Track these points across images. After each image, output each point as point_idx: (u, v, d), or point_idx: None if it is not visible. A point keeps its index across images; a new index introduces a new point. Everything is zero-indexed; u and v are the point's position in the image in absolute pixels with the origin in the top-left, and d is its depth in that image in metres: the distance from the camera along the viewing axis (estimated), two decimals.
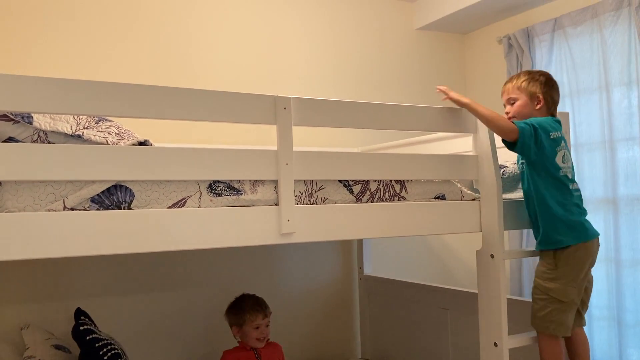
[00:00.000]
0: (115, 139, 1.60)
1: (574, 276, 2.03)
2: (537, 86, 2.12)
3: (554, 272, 2.03)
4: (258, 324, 2.57)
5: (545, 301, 2.03)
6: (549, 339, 2.04)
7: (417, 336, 3.02)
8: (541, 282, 2.05)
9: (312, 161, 1.78)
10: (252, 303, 2.60)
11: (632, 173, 3.02)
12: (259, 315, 2.58)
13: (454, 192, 2.08)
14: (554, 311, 2.01)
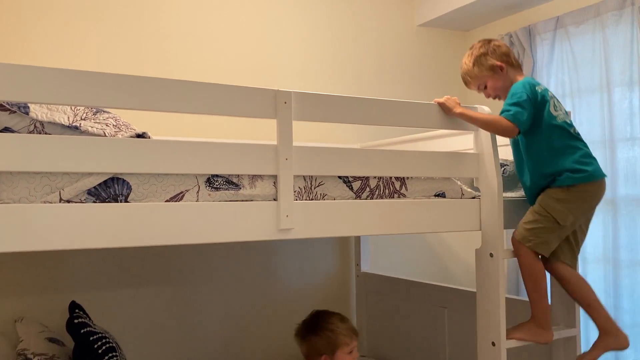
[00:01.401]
0: (113, 131, 1.58)
1: (582, 209, 2.04)
2: (487, 59, 2.15)
3: (566, 197, 2.00)
4: (352, 348, 2.14)
5: (541, 217, 2.00)
6: (528, 253, 2.01)
7: (414, 334, 3.01)
8: (549, 201, 2.01)
9: (312, 156, 1.76)
10: (343, 323, 2.17)
11: (632, 173, 3.01)
12: (354, 337, 2.16)
13: (454, 190, 2.06)
14: (545, 229, 1.99)
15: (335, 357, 2.03)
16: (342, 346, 2.03)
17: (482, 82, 2.18)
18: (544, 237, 2.00)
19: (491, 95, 2.18)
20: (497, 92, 2.16)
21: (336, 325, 2.08)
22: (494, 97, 2.20)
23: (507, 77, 2.14)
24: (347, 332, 2.06)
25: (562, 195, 2.01)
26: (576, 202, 2.02)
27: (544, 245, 2.01)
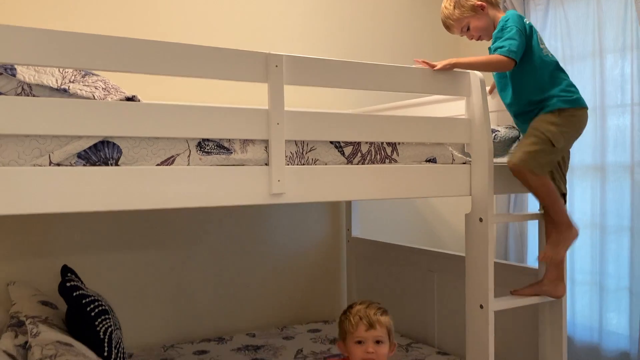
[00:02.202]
0: (102, 94, 1.56)
1: (571, 133, 2.12)
2: (466, 1, 2.18)
3: (558, 120, 2.07)
4: (360, 338, 1.83)
5: (539, 139, 2.05)
6: (534, 174, 2.06)
7: (404, 298, 3.05)
8: (544, 124, 2.07)
9: (303, 121, 1.75)
10: (358, 308, 1.89)
11: (622, 140, 3.03)
12: (361, 325, 1.82)
13: (445, 156, 2.07)
14: (542, 152, 2.04)
15: (347, 346, 1.85)
16: (348, 334, 1.83)
17: (464, 24, 2.21)
18: (542, 160, 2.05)
19: (474, 36, 2.23)
20: (480, 33, 2.21)
21: (351, 310, 1.88)
22: (477, 38, 2.24)
23: (489, 16, 2.19)
24: (355, 319, 1.82)
25: (554, 119, 2.07)
26: (567, 126, 2.09)
27: (540, 168, 2.06)
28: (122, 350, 2.14)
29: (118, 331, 2.17)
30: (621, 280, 3.03)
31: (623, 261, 3.02)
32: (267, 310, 3.26)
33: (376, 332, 1.82)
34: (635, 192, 2.95)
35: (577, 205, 3.23)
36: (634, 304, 2.95)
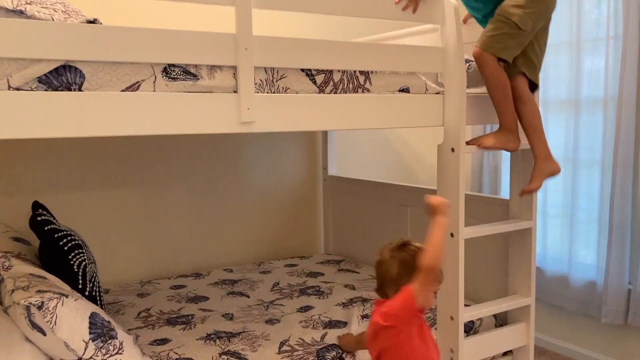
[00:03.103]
0: (62, 17, 1.50)
1: (538, 13, 2.06)
2: None
3: (522, 2, 2.03)
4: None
5: (502, 23, 2.04)
6: (491, 62, 2.05)
7: (378, 232, 3.09)
8: (507, 8, 2.05)
9: (272, 47, 1.71)
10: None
11: (596, 75, 3.03)
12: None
13: (418, 85, 2.05)
14: (506, 35, 2.04)
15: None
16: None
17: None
18: (505, 42, 2.04)
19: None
20: None
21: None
22: None
23: None
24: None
25: (519, 1, 2.04)
26: (532, 7, 2.04)
27: (505, 51, 2.05)
28: (98, 284, 2.15)
29: (92, 265, 2.17)
30: (591, 213, 3.10)
31: (593, 195, 3.08)
32: (244, 246, 3.29)
33: None
34: (608, 126, 2.98)
35: (551, 140, 3.24)
36: (602, 235, 3.03)
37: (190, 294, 2.64)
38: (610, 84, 2.95)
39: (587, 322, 3.16)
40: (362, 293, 2.62)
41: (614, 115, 2.93)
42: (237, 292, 2.67)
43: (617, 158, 2.88)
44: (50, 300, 1.54)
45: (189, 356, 1.94)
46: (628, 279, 2.92)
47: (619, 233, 2.90)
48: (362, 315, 2.32)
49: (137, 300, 2.54)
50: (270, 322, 2.27)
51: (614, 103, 2.92)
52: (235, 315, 2.34)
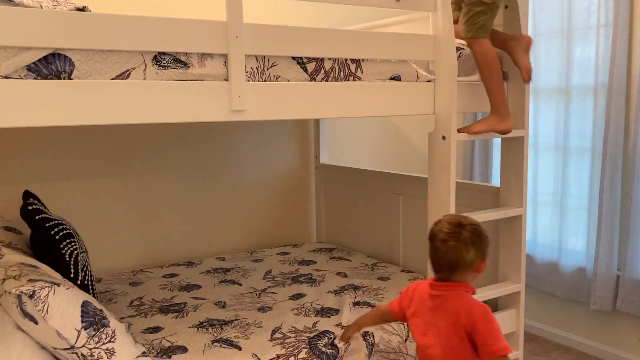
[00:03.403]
0: (51, 4, 1.49)
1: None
2: None
3: None
4: None
5: (470, 5, 2.08)
6: (479, 44, 2.11)
7: (370, 220, 3.11)
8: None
9: (263, 35, 1.71)
10: None
11: (587, 63, 3.04)
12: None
13: (410, 73, 2.05)
14: (478, 14, 2.07)
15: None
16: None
17: None
18: (480, 20, 2.07)
19: None
20: None
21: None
22: None
23: None
24: None
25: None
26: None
27: (482, 29, 2.09)
28: (90, 273, 2.14)
29: (84, 254, 2.17)
30: (581, 200, 3.12)
31: (583, 182, 3.10)
32: (236, 235, 3.29)
33: None
34: (598, 113, 2.99)
35: (542, 128, 3.28)
36: (591, 222, 3.06)
37: (182, 282, 2.65)
38: (600, 72, 2.96)
39: (577, 308, 3.20)
40: (354, 280, 2.63)
41: (604, 103, 2.94)
42: (230, 280, 2.68)
43: (607, 146, 2.90)
44: (42, 289, 1.54)
45: (182, 344, 1.95)
46: (617, 265, 2.95)
47: (608, 220, 2.92)
48: (354, 302, 2.34)
49: (130, 289, 2.55)
50: (262, 309, 2.28)
51: (604, 91, 2.93)
52: (228, 303, 2.35)
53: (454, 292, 1.62)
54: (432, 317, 1.65)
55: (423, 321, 1.68)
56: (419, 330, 1.69)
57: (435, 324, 1.64)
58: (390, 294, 2.44)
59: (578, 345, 3.19)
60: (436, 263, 1.64)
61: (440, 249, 1.60)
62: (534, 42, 3.12)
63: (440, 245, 1.60)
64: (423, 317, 1.68)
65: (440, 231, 1.61)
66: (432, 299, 1.66)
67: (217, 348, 1.92)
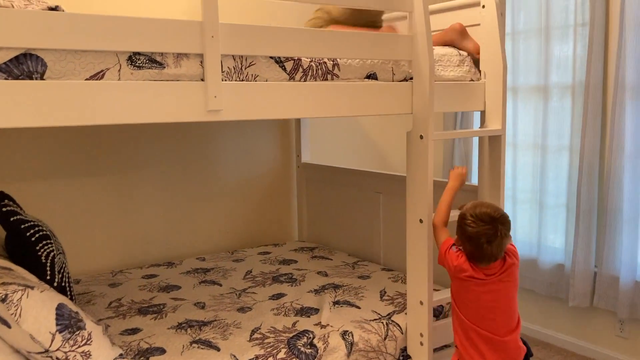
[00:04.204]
0: (22, 4, 1.47)
1: None
2: None
3: None
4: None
5: None
6: None
7: (351, 219, 3.11)
8: None
9: (239, 34, 1.70)
10: None
11: (564, 62, 3.08)
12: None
13: (386, 70, 2.06)
14: None
15: None
16: None
17: None
18: None
19: None
20: None
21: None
22: None
23: None
24: None
25: None
26: None
27: None
28: (67, 275, 2.12)
29: (61, 255, 2.14)
30: (559, 198, 3.16)
31: (562, 179, 3.14)
32: (217, 234, 3.28)
33: None
34: (575, 112, 3.03)
35: (521, 126, 3.31)
36: (569, 219, 3.09)
37: (162, 283, 2.63)
38: (577, 71, 3.00)
39: (556, 305, 3.24)
40: (334, 279, 2.64)
41: (581, 101, 2.98)
42: (210, 280, 2.67)
43: (584, 144, 2.93)
44: (15, 293, 1.52)
45: (160, 345, 1.94)
46: (594, 262, 2.99)
47: (585, 217, 2.96)
48: (333, 301, 2.34)
49: (108, 290, 2.52)
50: (242, 310, 2.27)
51: (582, 90, 2.97)
52: (207, 304, 2.34)
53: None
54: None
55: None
56: None
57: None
58: (370, 292, 2.45)
59: (557, 342, 3.23)
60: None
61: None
62: (514, 42, 3.16)
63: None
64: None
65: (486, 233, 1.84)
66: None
67: (196, 349, 1.91)
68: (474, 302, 1.91)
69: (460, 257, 1.91)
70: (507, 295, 1.92)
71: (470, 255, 1.90)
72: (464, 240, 1.90)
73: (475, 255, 1.88)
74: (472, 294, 1.91)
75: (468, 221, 1.87)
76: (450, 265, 1.94)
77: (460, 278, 1.91)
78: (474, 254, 1.88)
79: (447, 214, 2.06)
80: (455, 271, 1.92)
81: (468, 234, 1.87)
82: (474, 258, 1.89)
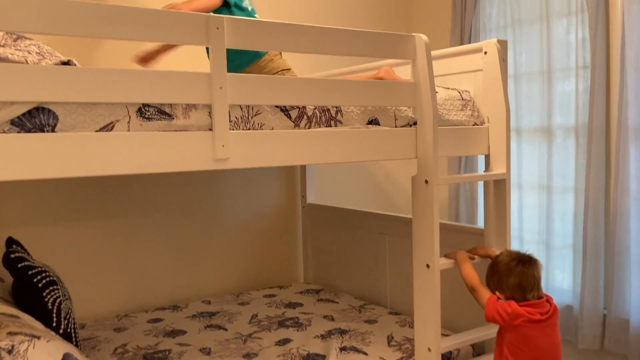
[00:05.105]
0: (36, 59, 1.51)
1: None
2: None
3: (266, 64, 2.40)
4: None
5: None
6: None
7: (357, 261, 3.11)
8: (268, 65, 2.37)
9: (246, 85, 1.74)
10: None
11: (567, 103, 3.11)
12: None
13: (388, 116, 2.09)
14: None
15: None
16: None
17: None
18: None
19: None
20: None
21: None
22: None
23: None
24: None
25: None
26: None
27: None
28: (73, 321, 2.12)
29: (68, 302, 2.15)
30: (566, 239, 3.15)
31: (568, 220, 3.13)
32: (222, 277, 3.27)
33: None
34: (579, 153, 3.04)
35: (525, 167, 3.32)
36: (576, 260, 3.07)
37: (167, 327, 2.62)
38: (580, 112, 3.02)
39: (565, 347, 3.19)
40: (341, 324, 2.62)
41: (585, 142, 2.99)
42: (215, 325, 2.65)
43: (589, 185, 2.94)
44: (21, 343, 1.52)
45: None
46: (603, 304, 2.96)
47: (593, 259, 2.94)
48: (340, 347, 2.32)
49: (114, 335, 2.51)
50: (247, 356, 2.26)
51: (585, 130, 2.99)
52: (213, 350, 2.33)
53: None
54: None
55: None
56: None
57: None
58: (378, 337, 2.43)
59: None
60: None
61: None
62: (516, 83, 3.20)
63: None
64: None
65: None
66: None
67: None
68: (533, 351, 1.88)
69: (512, 304, 1.91)
70: (558, 341, 1.92)
71: (516, 289, 1.91)
72: (505, 279, 1.94)
73: (522, 285, 1.91)
74: (531, 342, 1.88)
75: (499, 261, 1.97)
76: (503, 315, 1.90)
77: (517, 325, 1.89)
78: (520, 284, 1.91)
79: (476, 273, 2.08)
80: (511, 319, 1.89)
81: (505, 269, 1.94)
82: (521, 290, 1.91)
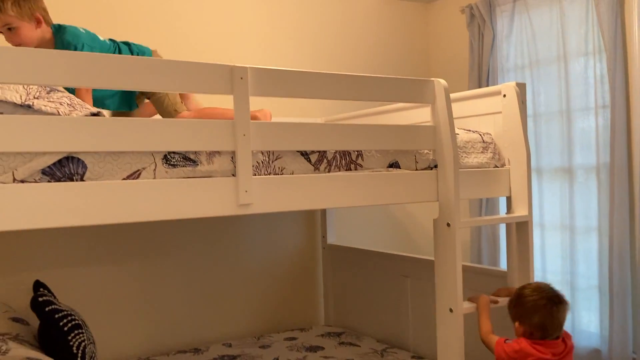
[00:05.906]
0: (67, 110, 1.57)
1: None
2: (31, 6, 1.99)
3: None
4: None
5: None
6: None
7: (379, 302, 3.08)
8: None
9: (269, 132, 1.77)
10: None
11: (587, 143, 3.10)
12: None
13: (408, 159, 2.11)
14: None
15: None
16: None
17: (12, 24, 1.99)
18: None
19: (21, 43, 2.02)
20: (29, 43, 2.03)
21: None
22: (17, 45, 2.03)
23: (39, 32, 2.05)
24: None
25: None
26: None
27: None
28: None
29: (92, 345, 2.17)
30: (591, 280, 3.09)
31: (592, 261, 3.08)
32: (243, 319, 3.26)
33: None
34: (602, 192, 3.01)
35: (547, 207, 3.30)
36: (602, 302, 3.01)
37: None
38: (601, 151, 3.01)
39: None
40: None
41: (607, 181, 2.97)
42: None
43: (613, 224, 2.90)
44: None
45: None
46: (632, 347, 2.88)
47: (620, 300, 2.88)
48: None
49: None
50: None
51: (607, 169, 2.97)
52: None
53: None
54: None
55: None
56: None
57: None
58: None
59: None
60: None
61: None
62: (535, 123, 3.21)
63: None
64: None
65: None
66: None
67: None
68: None
69: (521, 343, 1.90)
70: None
71: (538, 328, 1.89)
72: (529, 315, 1.91)
73: (545, 326, 1.89)
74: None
75: (527, 295, 1.94)
76: (510, 353, 1.90)
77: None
78: (544, 325, 1.89)
79: (490, 324, 2.07)
80: (520, 357, 1.88)
81: (531, 305, 1.91)
82: (542, 331, 1.89)
